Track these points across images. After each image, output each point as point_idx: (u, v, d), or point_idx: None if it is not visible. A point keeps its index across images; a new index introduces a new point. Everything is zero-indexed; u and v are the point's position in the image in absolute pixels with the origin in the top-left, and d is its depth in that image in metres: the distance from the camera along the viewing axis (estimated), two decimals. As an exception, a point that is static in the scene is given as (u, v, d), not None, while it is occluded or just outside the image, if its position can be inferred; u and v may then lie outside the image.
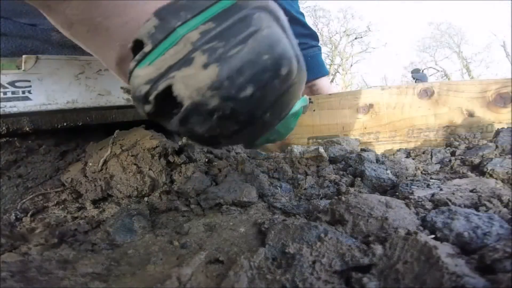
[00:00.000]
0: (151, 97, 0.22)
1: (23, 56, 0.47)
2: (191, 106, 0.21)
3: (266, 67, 0.21)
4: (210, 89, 0.20)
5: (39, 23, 0.61)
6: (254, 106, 0.22)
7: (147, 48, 0.22)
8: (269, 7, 0.23)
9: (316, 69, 1.12)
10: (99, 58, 0.33)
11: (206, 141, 0.26)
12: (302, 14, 1.04)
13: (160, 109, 0.22)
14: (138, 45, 0.23)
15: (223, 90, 0.20)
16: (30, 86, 0.47)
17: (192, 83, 0.20)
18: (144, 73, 0.22)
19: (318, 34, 1.12)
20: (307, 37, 1.07)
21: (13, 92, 0.46)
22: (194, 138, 0.26)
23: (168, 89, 0.21)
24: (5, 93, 0.45)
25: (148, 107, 0.23)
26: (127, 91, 0.56)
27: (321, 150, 0.61)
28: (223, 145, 0.28)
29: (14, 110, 0.46)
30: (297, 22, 0.96)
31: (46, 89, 0.49)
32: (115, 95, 0.56)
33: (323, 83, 1.14)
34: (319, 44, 1.14)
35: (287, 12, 1.03)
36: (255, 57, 0.21)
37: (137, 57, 0.23)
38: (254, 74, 0.21)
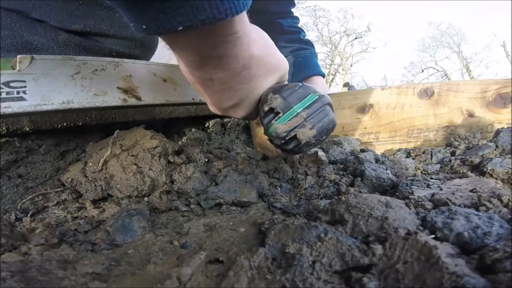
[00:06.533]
0: (287, 138, 0.46)
1: (18, 56, 0.46)
2: (305, 142, 0.46)
3: (330, 130, 0.49)
4: (313, 137, 0.46)
5: (49, 20, 0.61)
6: (324, 140, 0.51)
7: (280, 115, 0.46)
8: (330, 102, 0.49)
9: (308, 68, 1.22)
10: (211, 100, 0.48)
11: (301, 152, 0.51)
12: (300, 28, 1.30)
13: (285, 143, 0.47)
14: (271, 110, 0.47)
15: (317, 137, 0.46)
16: (25, 87, 0.46)
17: (306, 134, 0.46)
18: (282, 127, 0.46)
19: (318, 34, 1.21)
20: (300, 42, 1.25)
21: (7, 93, 0.45)
22: (297, 152, 0.51)
23: (294, 135, 0.46)
24: (-1, 94, 0.44)
25: (282, 141, 0.47)
26: (124, 91, 0.56)
27: (320, 153, 0.61)
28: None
29: (9, 110, 0.45)
30: (292, 33, 1.26)
31: (41, 90, 0.48)
32: (111, 95, 0.55)
33: (315, 81, 1.16)
34: (313, 49, 1.27)
35: (284, 28, 1.20)
36: (327, 126, 0.47)
37: (276, 118, 0.47)
38: (326, 133, 0.48)
